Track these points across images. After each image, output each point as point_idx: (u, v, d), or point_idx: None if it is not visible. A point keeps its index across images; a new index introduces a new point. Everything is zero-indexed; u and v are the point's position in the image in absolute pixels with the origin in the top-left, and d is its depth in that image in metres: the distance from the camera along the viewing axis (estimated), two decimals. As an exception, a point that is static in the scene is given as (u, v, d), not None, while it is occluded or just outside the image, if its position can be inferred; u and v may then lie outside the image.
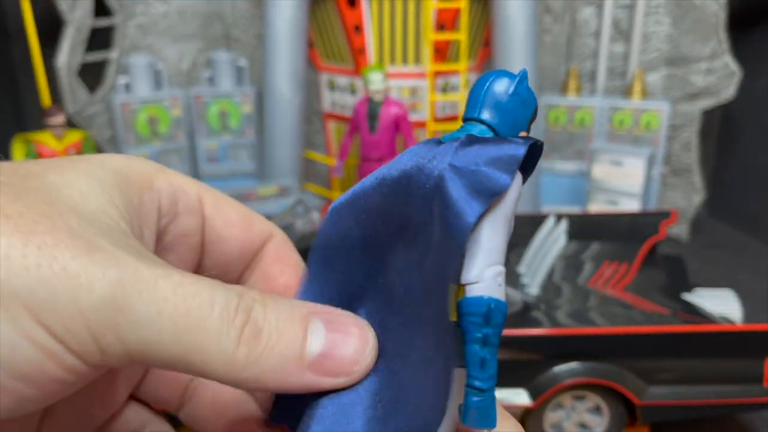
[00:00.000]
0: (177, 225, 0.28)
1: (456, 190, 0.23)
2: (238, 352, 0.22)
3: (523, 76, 0.25)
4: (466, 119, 0.26)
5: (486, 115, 0.25)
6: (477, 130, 0.25)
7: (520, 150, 0.24)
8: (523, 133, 0.26)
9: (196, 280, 0.22)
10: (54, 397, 0.21)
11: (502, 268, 0.24)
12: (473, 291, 0.23)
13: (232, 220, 0.29)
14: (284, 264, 0.31)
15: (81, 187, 0.22)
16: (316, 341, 0.23)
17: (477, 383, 0.23)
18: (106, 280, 0.20)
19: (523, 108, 0.25)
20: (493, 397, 0.23)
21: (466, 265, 0.23)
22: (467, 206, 0.23)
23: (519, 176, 0.24)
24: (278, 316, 0.23)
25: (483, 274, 0.23)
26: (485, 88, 0.25)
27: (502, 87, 0.25)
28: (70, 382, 0.21)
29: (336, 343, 0.24)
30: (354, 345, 0.24)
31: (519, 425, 0.26)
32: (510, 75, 0.25)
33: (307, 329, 0.23)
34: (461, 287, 0.24)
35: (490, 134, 0.25)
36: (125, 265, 0.21)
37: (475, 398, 0.23)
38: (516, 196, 0.24)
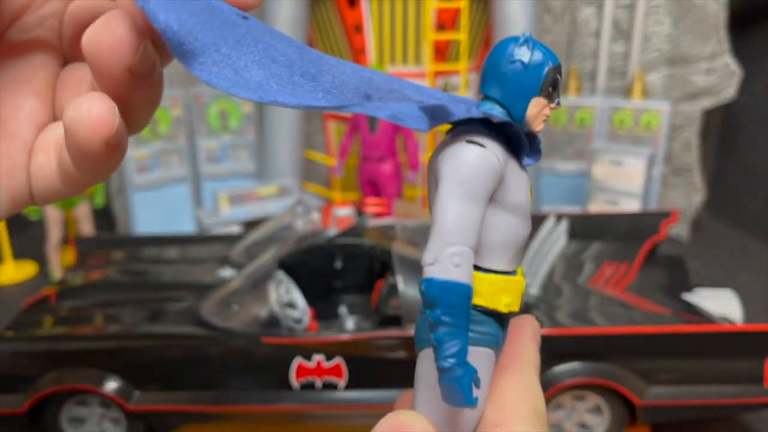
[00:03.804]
0: None
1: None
2: None
3: (525, 39, 0.25)
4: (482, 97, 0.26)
5: (490, 89, 0.25)
6: (487, 106, 0.25)
7: (460, 112, 0.24)
8: (539, 99, 0.25)
9: None
10: None
11: (460, 248, 0.23)
12: (426, 273, 0.23)
13: None
14: None
15: None
16: None
17: (438, 362, 0.22)
18: None
19: (526, 74, 0.24)
20: (460, 377, 0.22)
21: (426, 246, 0.23)
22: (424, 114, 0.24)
23: (483, 149, 0.24)
24: None
25: (439, 256, 0.23)
26: (486, 60, 0.25)
27: (500, 56, 0.25)
28: None
29: None
30: None
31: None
32: (512, 41, 0.25)
33: None
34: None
35: (498, 109, 0.25)
36: None
37: (441, 377, 0.23)
38: (478, 171, 0.23)
